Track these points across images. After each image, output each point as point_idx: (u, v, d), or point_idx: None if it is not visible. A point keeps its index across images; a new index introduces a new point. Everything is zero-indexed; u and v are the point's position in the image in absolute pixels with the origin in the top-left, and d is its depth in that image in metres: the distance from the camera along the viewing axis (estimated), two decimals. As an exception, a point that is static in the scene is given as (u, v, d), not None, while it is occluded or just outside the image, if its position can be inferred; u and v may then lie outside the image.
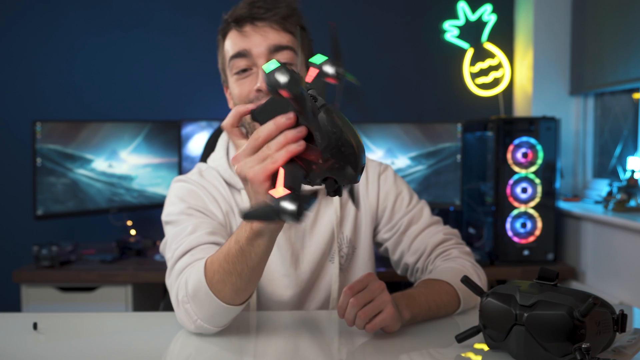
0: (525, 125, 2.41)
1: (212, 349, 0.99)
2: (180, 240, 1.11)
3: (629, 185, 2.28)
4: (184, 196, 1.20)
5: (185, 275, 1.03)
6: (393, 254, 1.29)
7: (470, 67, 2.96)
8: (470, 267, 1.21)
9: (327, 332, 1.10)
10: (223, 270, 0.94)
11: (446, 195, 2.66)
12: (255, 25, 1.14)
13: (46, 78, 2.90)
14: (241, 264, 0.91)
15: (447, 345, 1.00)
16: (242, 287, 0.95)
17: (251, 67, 1.14)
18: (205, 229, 1.12)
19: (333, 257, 1.23)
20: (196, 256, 1.06)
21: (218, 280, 0.95)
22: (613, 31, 2.48)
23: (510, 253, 2.43)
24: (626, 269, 2.13)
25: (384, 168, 1.33)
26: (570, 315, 0.80)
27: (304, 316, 1.17)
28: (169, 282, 1.10)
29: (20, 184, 2.83)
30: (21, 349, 0.99)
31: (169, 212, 1.20)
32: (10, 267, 2.56)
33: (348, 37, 2.96)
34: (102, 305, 2.34)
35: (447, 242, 1.26)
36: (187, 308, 1.00)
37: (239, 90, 1.16)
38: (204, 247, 1.08)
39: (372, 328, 0.97)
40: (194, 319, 1.00)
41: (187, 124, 2.73)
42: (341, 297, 0.97)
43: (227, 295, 0.96)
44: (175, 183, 1.25)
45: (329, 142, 0.73)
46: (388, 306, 0.97)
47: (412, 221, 1.28)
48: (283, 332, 1.07)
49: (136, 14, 2.92)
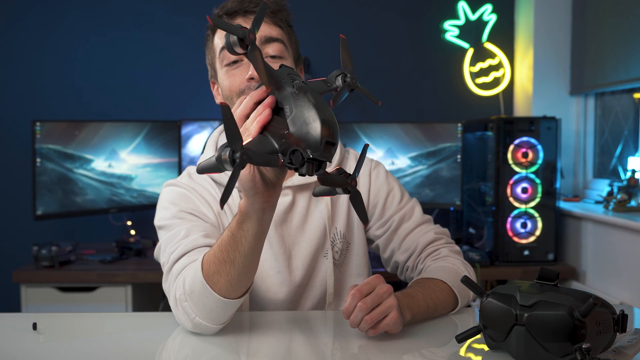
0: (525, 125, 2.41)
1: (210, 350, 0.99)
2: (175, 244, 1.11)
3: (630, 185, 2.28)
4: (175, 200, 1.20)
5: (183, 275, 1.04)
6: (384, 252, 1.30)
7: (471, 67, 2.96)
8: (460, 264, 1.22)
9: (323, 333, 1.10)
10: (217, 260, 0.97)
11: (446, 195, 2.66)
12: (247, 18, 1.17)
13: (46, 78, 2.90)
14: (234, 251, 0.94)
15: (447, 346, 0.99)
16: (236, 277, 0.96)
17: (241, 57, 1.16)
18: (199, 232, 1.12)
19: (327, 253, 1.23)
20: (192, 258, 1.06)
21: (213, 271, 0.97)
22: (613, 31, 2.48)
23: (511, 253, 2.42)
24: (626, 269, 2.13)
25: (375, 165, 1.34)
26: (571, 315, 0.79)
27: (299, 316, 1.17)
28: (166, 286, 1.10)
29: (20, 184, 2.83)
30: (21, 349, 0.99)
31: (161, 216, 1.20)
32: (10, 267, 2.55)
33: (348, 37, 2.95)
34: (102, 305, 2.34)
35: (438, 241, 1.27)
36: (185, 306, 1.01)
37: (229, 82, 1.17)
38: (200, 250, 1.09)
39: (375, 332, 0.98)
40: (192, 317, 1.00)
41: (187, 124, 2.73)
42: (349, 299, 0.97)
43: (222, 287, 0.97)
44: (166, 187, 1.25)
45: (292, 114, 0.79)
46: (393, 311, 0.98)
47: (404, 219, 1.28)
48: (278, 332, 1.07)
49: (136, 14, 2.92)
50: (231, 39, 0.79)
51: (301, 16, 1.67)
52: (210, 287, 0.97)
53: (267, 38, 1.16)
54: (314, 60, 2.84)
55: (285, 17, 1.21)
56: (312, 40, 2.78)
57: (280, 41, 1.18)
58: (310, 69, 2.82)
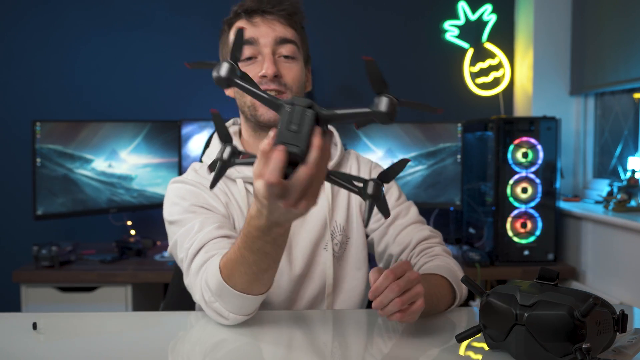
0: (525, 125, 2.41)
1: (210, 350, 0.99)
2: (190, 239, 1.13)
3: (629, 185, 2.28)
4: (185, 195, 1.22)
5: (203, 275, 1.06)
6: (378, 245, 1.30)
7: (471, 67, 2.96)
8: (454, 264, 1.23)
9: (323, 333, 1.10)
10: (232, 262, 0.98)
11: (446, 195, 2.66)
12: (265, 18, 1.22)
13: (46, 78, 2.90)
14: (245, 249, 0.95)
15: (447, 345, 0.99)
16: (252, 276, 0.98)
17: (256, 55, 1.21)
18: (212, 224, 1.14)
19: (327, 245, 1.24)
20: (210, 252, 1.08)
21: (231, 273, 0.99)
22: (613, 31, 2.48)
23: (511, 253, 2.43)
24: (626, 269, 2.13)
25: (375, 165, 1.37)
26: (571, 315, 0.79)
27: (298, 316, 1.17)
28: (188, 282, 1.12)
29: (20, 184, 2.83)
30: (21, 349, 0.99)
31: (171, 211, 1.21)
32: (10, 267, 2.55)
33: (348, 37, 2.96)
34: (102, 305, 2.34)
35: (432, 239, 1.28)
36: (216, 307, 1.03)
37: None
38: (216, 241, 1.11)
39: (401, 317, 0.96)
40: (225, 314, 1.03)
41: (187, 124, 2.73)
42: (380, 278, 0.95)
43: (244, 286, 0.99)
44: (173, 184, 1.26)
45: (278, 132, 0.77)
46: (421, 299, 0.97)
47: (399, 215, 1.29)
48: (277, 332, 1.07)
49: (136, 14, 2.92)
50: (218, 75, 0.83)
51: (301, 16, 1.67)
52: (232, 287, 0.99)
53: (282, 39, 1.21)
54: (314, 60, 2.83)
55: (299, 20, 1.26)
56: (312, 41, 2.77)
57: (294, 43, 1.24)
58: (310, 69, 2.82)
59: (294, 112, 0.76)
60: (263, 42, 1.20)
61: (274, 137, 0.77)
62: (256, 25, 1.22)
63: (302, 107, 0.76)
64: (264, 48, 1.20)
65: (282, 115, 0.76)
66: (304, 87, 1.29)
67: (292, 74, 1.23)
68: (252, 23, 1.22)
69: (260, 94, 0.82)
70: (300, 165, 0.77)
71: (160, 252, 2.57)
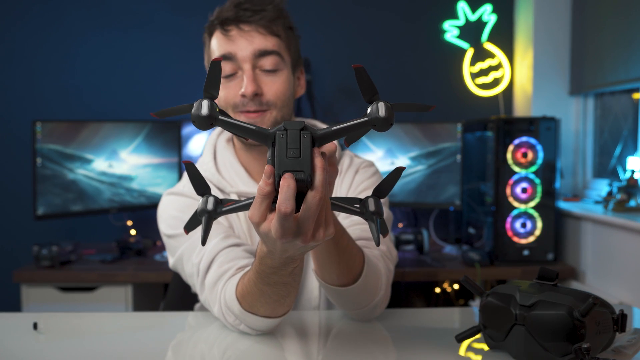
0: (525, 125, 2.41)
1: (208, 350, 0.99)
2: (198, 253, 1.09)
3: (629, 185, 2.28)
4: (182, 208, 1.18)
5: (221, 296, 1.03)
6: None
7: (470, 67, 2.96)
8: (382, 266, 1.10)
9: (317, 334, 1.10)
10: (251, 295, 0.96)
11: (446, 195, 2.66)
12: (241, 29, 1.13)
13: (46, 78, 2.90)
14: (261, 284, 0.92)
15: (447, 345, 1.00)
16: (274, 304, 0.95)
17: (236, 70, 1.14)
18: (218, 236, 1.10)
19: None
20: (223, 266, 1.05)
21: (252, 304, 0.97)
22: (613, 31, 2.48)
23: (510, 253, 2.43)
24: (626, 269, 2.13)
25: (368, 164, 1.29)
26: (570, 315, 0.80)
27: (292, 317, 1.16)
28: (204, 298, 1.08)
29: (20, 184, 2.83)
30: (21, 349, 0.99)
31: (170, 224, 1.17)
32: (10, 267, 2.56)
33: (348, 37, 2.96)
34: (102, 305, 2.34)
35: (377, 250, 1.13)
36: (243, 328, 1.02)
37: (224, 93, 1.14)
38: (225, 252, 1.08)
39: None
40: (251, 331, 1.02)
41: (187, 124, 2.73)
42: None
43: (267, 312, 0.97)
44: (169, 196, 1.22)
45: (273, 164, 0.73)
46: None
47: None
48: (271, 333, 1.07)
49: (136, 14, 2.92)
50: (197, 116, 0.76)
51: (301, 16, 1.67)
52: (254, 314, 0.98)
53: (261, 51, 1.13)
54: (314, 60, 2.84)
55: (283, 24, 1.16)
56: (312, 40, 2.79)
57: (276, 53, 1.14)
58: (310, 69, 2.82)
59: (289, 138, 0.72)
60: (241, 57, 1.12)
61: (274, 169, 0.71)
62: (232, 39, 1.13)
63: (297, 130, 0.72)
64: (243, 63, 1.13)
65: (279, 142, 0.72)
66: (292, 97, 1.19)
67: (274, 89, 1.14)
68: (227, 37, 1.13)
69: (247, 127, 0.74)
70: (309, 192, 0.72)
71: (160, 252, 2.57)
